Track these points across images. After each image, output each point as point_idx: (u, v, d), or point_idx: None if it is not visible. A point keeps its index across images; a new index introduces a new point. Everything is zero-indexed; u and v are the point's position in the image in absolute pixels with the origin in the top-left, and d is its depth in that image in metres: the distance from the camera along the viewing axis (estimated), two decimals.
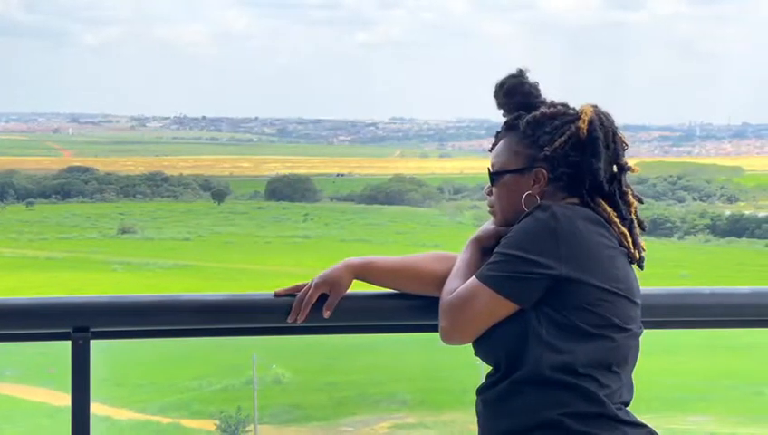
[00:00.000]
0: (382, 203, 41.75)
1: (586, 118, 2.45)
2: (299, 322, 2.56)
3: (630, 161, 2.53)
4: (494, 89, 2.54)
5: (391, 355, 22.52)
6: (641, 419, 2.41)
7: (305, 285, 2.57)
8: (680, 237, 37.27)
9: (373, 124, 49.96)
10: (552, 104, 2.50)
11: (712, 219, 38.15)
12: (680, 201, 40.51)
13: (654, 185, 39.62)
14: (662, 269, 27.58)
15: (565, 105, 2.50)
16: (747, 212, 38.84)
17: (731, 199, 41.44)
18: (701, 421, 19.89)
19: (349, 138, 49.61)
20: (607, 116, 2.48)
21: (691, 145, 48.46)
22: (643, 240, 2.50)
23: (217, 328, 2.63)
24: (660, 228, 36.18)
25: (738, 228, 37.06)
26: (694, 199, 40.75)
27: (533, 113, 2.48)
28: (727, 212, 39.09)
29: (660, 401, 19.38)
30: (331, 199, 43.48)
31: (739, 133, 48.46)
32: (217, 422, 20.94)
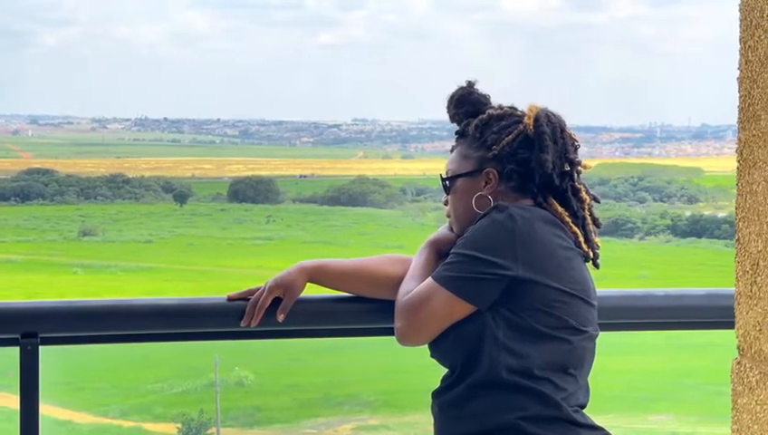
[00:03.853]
0: (345, 204, 41.71)
1: (532, 114, 2.47)
2: (252, 326, 2.53)
3: (591, 162, 2.54)
4: (445, 103, 2.57)
5: (355, 357, 22.51)
6: (604, 418, 2.41)
7: (259, 289, 2.55)
8: (641, 238, 37.50)
9: (336, 126, 49.93)
10: (500, 107, 2.52)
11: (672, 220, 38.42)
12: (641, 202, 40.75)
13: (615, 186, 39.82)
14: (623, 270, 27.73)
15: (513, 107, 2.53)
16: (707, 213, 39.12)
17: (691, 200, 41.74)
18: (663, 421, 20.03)
19: (311, 139, 49.54)
20: (555, 114, 2.50)
21: (651, 146, 48.78)
22: (600, 240, 2.50)
23: (170, 333, 2.60)
24: (621, 229, 36.38)
25: (698, 229, 37.34)
26: (654, 200, 41.00)
27: (481, 116, 2.50)
28: (687, 213, 39.36)
29: (622, 401, 19.49)
30: (294, 201, 43.39)
31: (698, 134, 48.84)
32: (179, 426, 20.84)
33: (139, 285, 30.91)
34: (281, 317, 2.53)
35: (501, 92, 2.58)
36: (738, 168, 1.53)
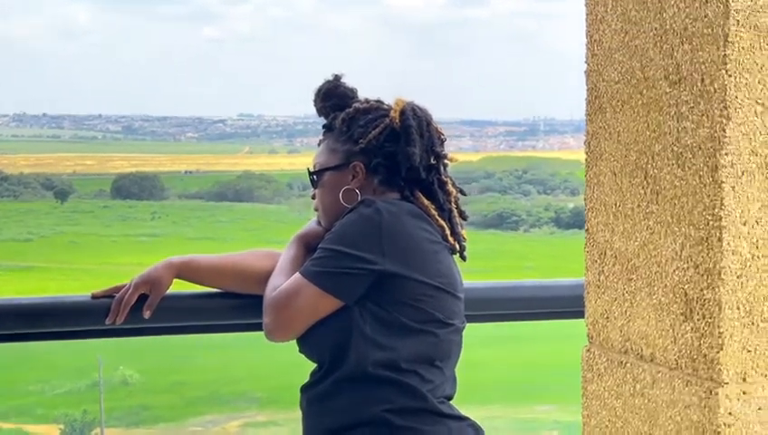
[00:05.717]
0: (232, 200, 41.40)
1: (398, 108, 2.48)
2: (118, 323, 2.48)
3: (477, 156, 2.58)
4: (312, 96, 2.57)
5: (244, 353, 22.36)
6: (490, 408, 2.44)
7: (124, 286, 2.51)
8: (526, 230, 38.01)
9: (221, 121, 49.47)
10: (366, 101, 2.53)
11: (556, 212, 39.03)
12: (526, 195, 41.28)
13: (500, 179, 40.25)
14: (508, 261, 28.09)
15: (379, 101, 2.54)
16: None
17: (574, 192, 42.46)
18: (548, 410, 20.34)
19: (196, 135, 49.00)
20: (421, 108, 2.51)
21: (535, 139, 49.46)
22: (486, 232, 2.53)
23: (31, 332, 2.53)
24: (506, 222, 36.82)
25: (580, 220, 37.97)
26: (539, 193, 41.57)
27: (347, 110, 2.50)
28: (570, 205, 40.05)
29: (506, 392, 19.75)
30: (180, 197, 42.90)
31: (580, 128, 49.58)
32: (62, 427, 20.46)
33: (19, 285, 30.19)
34: (147, 314, 2.49)
35: (386, 87, 2.58)
36: (586, 159, 1.56)
